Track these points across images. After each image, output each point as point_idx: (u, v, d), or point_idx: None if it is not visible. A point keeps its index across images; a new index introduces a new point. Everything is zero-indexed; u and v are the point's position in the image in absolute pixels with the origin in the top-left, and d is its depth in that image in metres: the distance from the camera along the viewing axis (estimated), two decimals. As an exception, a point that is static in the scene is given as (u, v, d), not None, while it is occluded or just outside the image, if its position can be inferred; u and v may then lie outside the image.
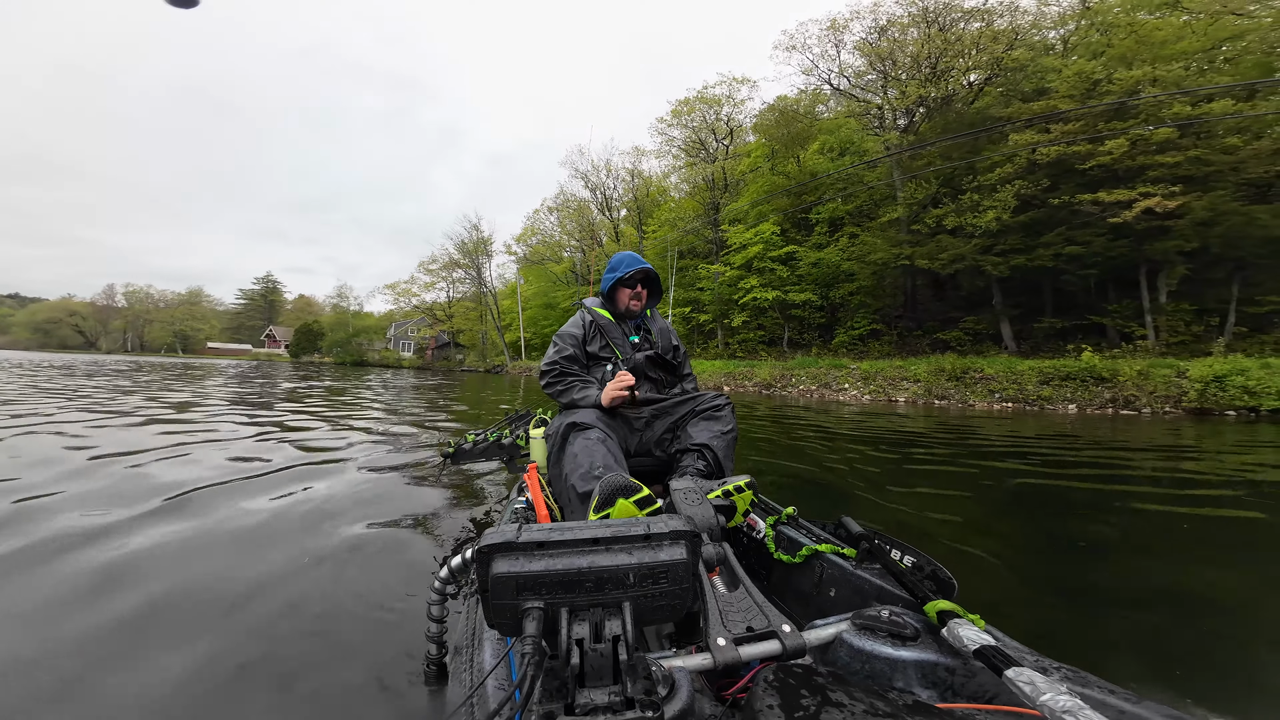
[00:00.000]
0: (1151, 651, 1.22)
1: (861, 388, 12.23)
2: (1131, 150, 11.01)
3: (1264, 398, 7.87)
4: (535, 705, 0.52)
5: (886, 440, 4.67)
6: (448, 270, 38.11)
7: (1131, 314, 11.68)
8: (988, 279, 13.11)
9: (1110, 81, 11.96)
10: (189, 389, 8.32)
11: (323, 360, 48.61)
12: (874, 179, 15.94)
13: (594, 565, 0.57)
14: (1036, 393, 9.67)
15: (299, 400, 7.20)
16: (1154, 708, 0.57)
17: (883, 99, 17.65)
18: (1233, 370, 8.24)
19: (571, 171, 32.43)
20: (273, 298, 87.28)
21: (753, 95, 22.58)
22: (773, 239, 17.95)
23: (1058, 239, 11.73)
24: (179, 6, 1.15)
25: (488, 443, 2.33)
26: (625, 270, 1.65)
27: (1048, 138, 12.04)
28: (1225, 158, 10.54)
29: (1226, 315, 11.09)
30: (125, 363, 22.63)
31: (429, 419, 5.55)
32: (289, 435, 4.03)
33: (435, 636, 1.00)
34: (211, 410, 5.43)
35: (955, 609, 0.72)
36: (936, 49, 15.98)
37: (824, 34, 19.36)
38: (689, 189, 25.47)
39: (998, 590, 1.54)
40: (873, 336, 15.79)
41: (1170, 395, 8.62)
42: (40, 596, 1.34)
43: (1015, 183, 12.29)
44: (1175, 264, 11.10)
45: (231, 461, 2.96)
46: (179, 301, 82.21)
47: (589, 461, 1.22)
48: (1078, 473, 3.29)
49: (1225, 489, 2.82)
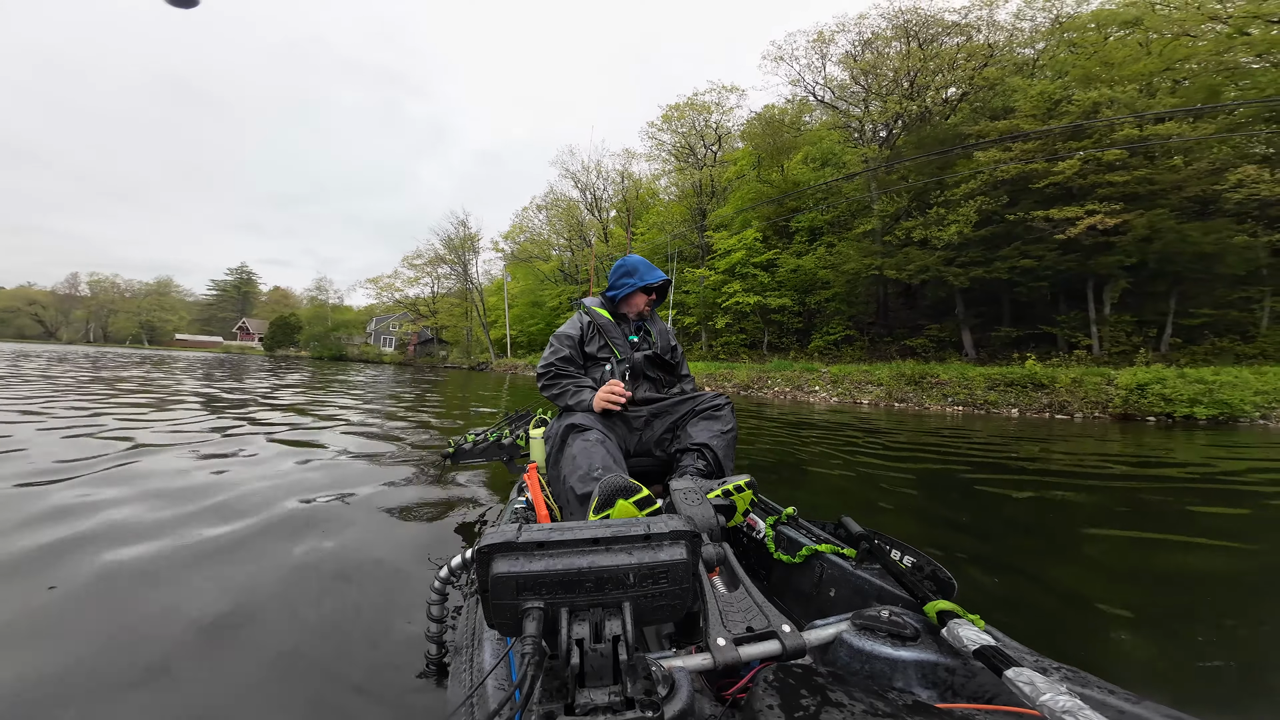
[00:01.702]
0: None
1: (830, 390, 13.24)
2: (1083, 169, 12.18)
3: (1178, 405, 8.99)
4: (535, 705, 0.53)
5: (806, 426, 5.59)
6: (433, 266, 38.52)
7: (1078, 324, 12.88)
8: (951, 289, 14.26)
9: (1070, 102, 13.16)
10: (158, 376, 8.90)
11: (299, 354, 48.46)
12: (851, 190, 17.05)
13: (594, 565, 0.59)
14: (984, 397, 10.74)
15: (298, 396, 7.86)
16: (1154, 708, 0.58)
17: (864, 113, 18.78)
18: (1153, 379, 9.34)
19: (561, 171, 33.22)
20: (247, 289, 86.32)
21: (741, 104, 23.72)
22: (755, 245, 18.97)
23: (1014, 253, 12.89)
24: (179, 6, 1.16)
25: (488, 443, 2.38)
26: (653, 279, 1.73)
27: (1009, 155, 13.19)
28: (1170, 176, 11.73)
29: (1164, 327, 12.33)
30: (72, 355, 21.30)
31: (416, 416, 5.90)
32: (283, 434, 4.13)
33: (435, 636, 1.03)
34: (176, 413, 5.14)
35: (955, 609, 0.73)
36: (915, 65, 17.14)
37: (811, 46, 20.50)
38: (678, 193, 26.42)
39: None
40: (846, 342, 16.89)
41: (1100, 401, 9.72)
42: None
43: (977, 198, 13.43)
44: (1118, 278, 12.31)
45: (204, 459, 2.99)
46: (146, 292, 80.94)
47: (587, 463, 1.24)
48: (948, 460, 4.21)
49: (1061, 478, 3.49)
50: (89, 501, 2.15)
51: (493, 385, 13.71)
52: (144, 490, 2.35)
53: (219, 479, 2.62)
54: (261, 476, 2.72)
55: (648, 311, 1.79)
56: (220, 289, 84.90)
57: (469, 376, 19.75)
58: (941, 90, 17.46)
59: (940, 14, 18.00)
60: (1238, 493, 3.16)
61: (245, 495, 2.37)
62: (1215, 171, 11.42)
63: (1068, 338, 12.87)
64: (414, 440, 4.11)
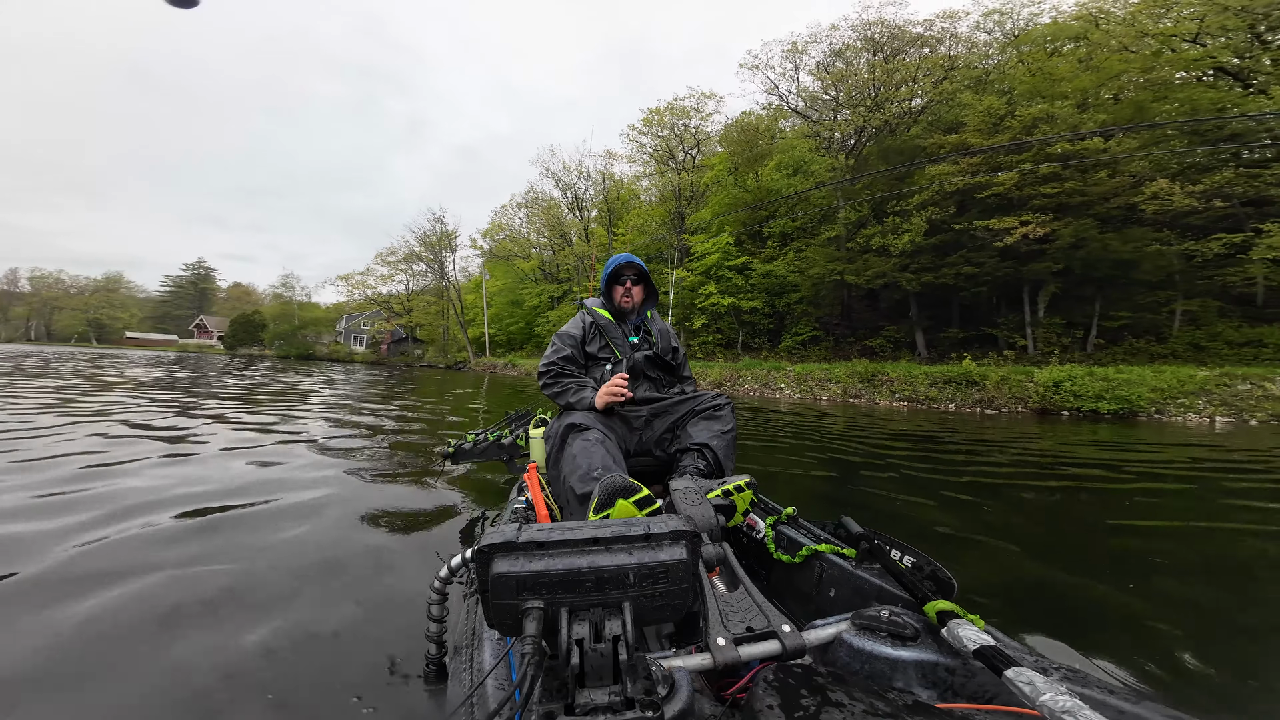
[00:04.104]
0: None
1: (794, 387, 14.73)
2: (1020, 181, 13.86)
3: (1085, 400, 10.63)
4: (535, 705, 0.55)
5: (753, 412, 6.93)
6: (408, 262, 38.71)
7: (1016, 326, 14.64)
8: (906, 293, 15.93)
9: (1013, 117, 14.87)
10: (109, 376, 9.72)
11: (263, 353, 48.19)
12: (819, 199, 18.64)
13: (594, 565, 0.61)
14: (927, 393, 12.31)
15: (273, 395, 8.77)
16: (1154, 708, 0.60)
17: (833, 121, 20.39)
18: (1065, 377, 10.95)
19: (542, 170, 34.14)
20: (204, 285, 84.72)
21: (719, 110, 25.18)
22: (729, 249, 20.44)
23: (959, 259, 14.56)
24: (179, 6, 1.20)
25: (488, 443, 2.43)
26: (615, 264, 1.80)
27: (956, 169, 14.85)
28: (1096, 189, 13.38)
29: (1090, 328, 14.12)
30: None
31: (403, 414, 6.48)
32: (273, 431, 4.27)
33: (435, 636, 1.06)
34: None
35: (955, 609, 0.76)
36: (880, 78, 18.78)
37: (785, 56, 22.06)
38: (658, 195, 27.79)
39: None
40: (813, 342, 18.46)
41: (1021, 397, 11.36)
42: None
43: (929, 208, 15.07)
44: (1049, 283, 14.06)
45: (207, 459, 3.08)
46: (94, 288, 78.62)
47: (587, 463, 1.28)
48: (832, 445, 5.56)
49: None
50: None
51: (471, 385, 14.55)
52: (143, 489, 2.47)
53: (193, 481, 2.64)
54: (253, 473, 2.80)
55: (629, 304, 1.84)
56: (175, 285, 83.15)
57: (446, 376, 20.46)
58: (905, 102, 19.16)
59: (906, 26, 19.74)
60: (999, 486, 4.55)
61: (234, 490, 2.47)
62: (1135, 185, 13.13)
63: (1007, 338, 14.62)
64: (414, 440, 4.28)
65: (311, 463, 3.22)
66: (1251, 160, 13.63)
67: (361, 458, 3.44)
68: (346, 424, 5.18)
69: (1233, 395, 9.95)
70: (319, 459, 3.34)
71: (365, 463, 3.28)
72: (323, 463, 3.23)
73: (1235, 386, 10.21)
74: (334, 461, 3.28)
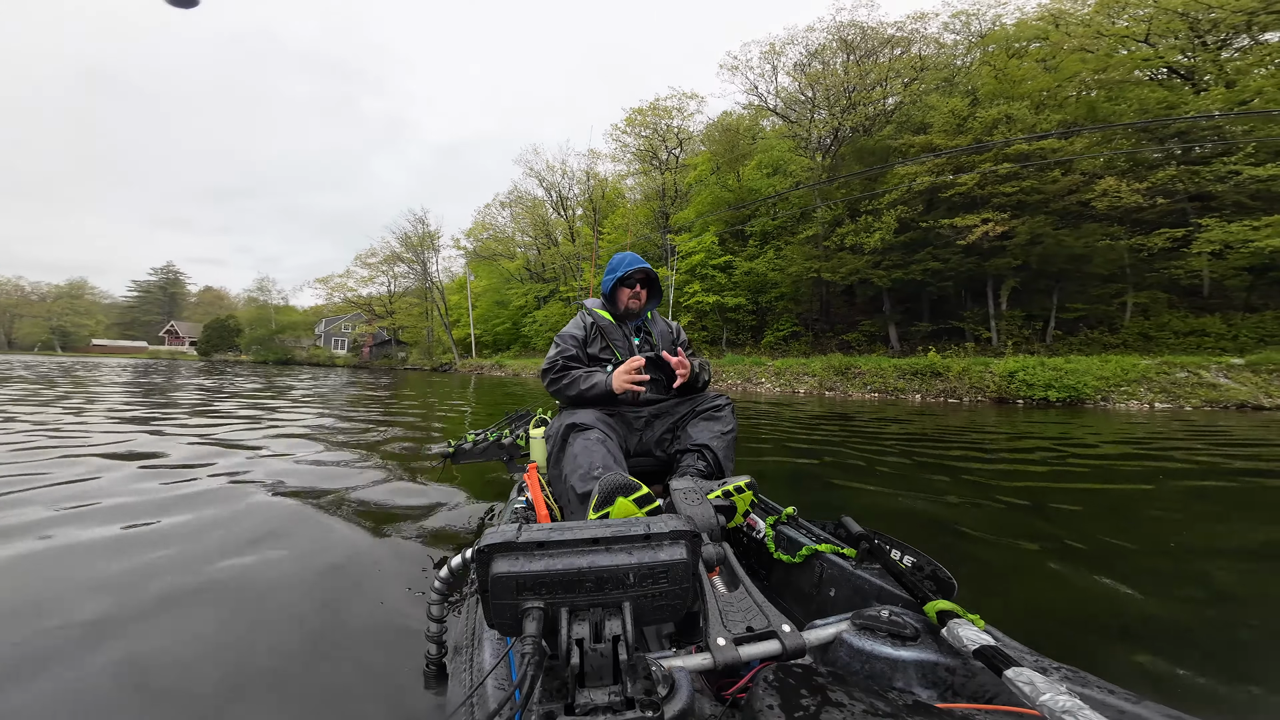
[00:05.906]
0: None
1: (774, 381, 15.81)
2: (982, 180, 15.02)
3: (1036, 389, 11.79)
4: (535, 705, 0.56)
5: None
6: (389, 264, 39.04)
7: (981, 319, 15.86)
8: (879, 289, 17.09)
9: (974, 119, 16.03)
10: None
11: (239, 359, 48.07)
12: (798, 199, 19.75)
13: (594, 565, 0.62)
14: (895, 385, 13.42)
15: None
16: (1154, 708, 0.61)
17: (810, 121, 21.48)
18: (1019, 367, 12.07)
19: (526, 170, 34.78)
20: (174, 290, 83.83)
21: (701, 109, 26.20)
22: (713, 248, 21.47)
23: (926, 256, 15.72)
24: (179, 7, 1.25)
25: (488, 443, 2.48)
26: (625, 269, 1.79)
27: (923, 168, 15.99)
28: (1051, 187, 14.43)
29: (1049, 320, 15.37)
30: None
31: (399, 417, 6.80)
32: (267, 430, 4.38)
33: (435, 636, 1.08)
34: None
35: (955, 609, 0.77)
36: (854, 79, 19.89)
37: (764, 56, 23.09)
38: (642, 195, 28.73)
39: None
40: (794, 337, 19.57)
41: (981, 387, 12.51)
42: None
43: (898, 207, 16.20)
44: (1009, 278, 15.28)
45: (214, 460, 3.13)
46: (57, 294, 77.45)
47: (588, 462, 1.32)
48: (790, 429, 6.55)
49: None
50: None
51: (458, 386, 15.08)
52: (142, 487, 2.59)
53: (192, 482, 2.71)
54: (250, 474, 2.83)
55: (637, 306, 1.86)
56: (143, 290, 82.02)
57: (430, 378, 20.74)
58: (879, 103, 20.31)
59: (879, 27, 20.88)
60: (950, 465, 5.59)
61: (232, 493, 2.51)
62: (1087, 182, 14.18)
63: (973, 331, 15.84)
64: (413, 440, 4.38)
65: (309, 462, 3.32)
66: (1191, 158, 14.92)
67: (360, 458, 3.49)
68: (343, 424, 5.35)
69: (1171, 383, 10.91)
70: (316, 458, 3.42)
71: (365, 463, 3.33)
72: (322, 462, 3.31)
73: (1174, 374, 11.16)
74: (334, 461, 3.35)
